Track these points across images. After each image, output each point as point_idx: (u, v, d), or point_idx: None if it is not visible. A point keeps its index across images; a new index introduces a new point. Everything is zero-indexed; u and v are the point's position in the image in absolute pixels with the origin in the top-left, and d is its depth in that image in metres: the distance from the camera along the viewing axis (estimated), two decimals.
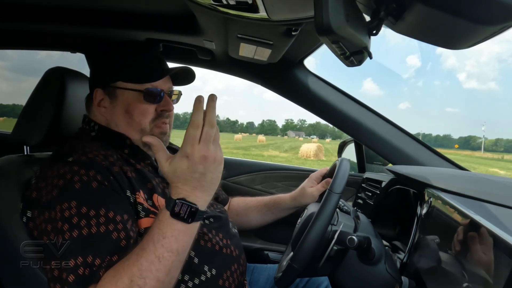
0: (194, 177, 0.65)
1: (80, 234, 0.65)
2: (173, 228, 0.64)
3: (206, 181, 0.66)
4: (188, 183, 0.65)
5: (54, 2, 0.97)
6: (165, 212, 0.65)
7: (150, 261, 0.62)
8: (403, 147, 1.23)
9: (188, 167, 0.65)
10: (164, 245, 0.63)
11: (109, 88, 0.86)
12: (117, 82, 0.85)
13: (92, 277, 0.63)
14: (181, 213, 0.64)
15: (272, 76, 1.31)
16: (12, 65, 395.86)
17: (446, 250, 0.63)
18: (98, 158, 0.75)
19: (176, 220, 0.65)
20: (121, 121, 0.85)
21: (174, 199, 0.65)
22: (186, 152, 0.64)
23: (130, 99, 0.85)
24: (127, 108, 0.85)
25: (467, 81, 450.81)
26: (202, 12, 0.83)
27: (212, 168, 0.66)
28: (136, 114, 0.84)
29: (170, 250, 0.64)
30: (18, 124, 0.90)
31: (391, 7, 0.47)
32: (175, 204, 0.64)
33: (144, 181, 0.80)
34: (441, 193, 0.71)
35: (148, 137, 0.73)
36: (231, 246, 0.89)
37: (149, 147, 0.86)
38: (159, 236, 0.64)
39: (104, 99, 0.87)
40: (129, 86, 0.85)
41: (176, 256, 0.65)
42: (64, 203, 0.67)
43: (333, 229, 0.75)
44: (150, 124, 0.86)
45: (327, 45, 0.52)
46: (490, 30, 0.43)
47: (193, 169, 0.65)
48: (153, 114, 0.86)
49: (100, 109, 0.87)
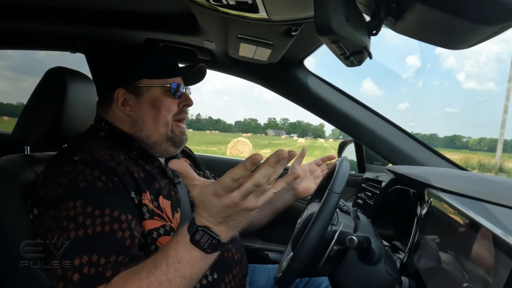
0: (220, 216, 0.59)
1: (85, 233, 0.65)
2: (190, 255, 0.60)
3: (233, 221, 0.60)
4: (213, 217, 0.59)
5: (54, 2, 0.97)
6: (185, 234, 0.61)
7: (160, 282, 0.60)
8: (403, 147, 1.23)
9: (216, 205, 0.58)
10: (177, 270, 0.60)
11: (132, 86, 0.87)
12: (142, 80, 0.87)
13: (98, 277, 0.63)
14: (201, 242, 0.59)
15: (272, 76, 1.31)
16: (11, 65, 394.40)
17: (446, 250, 0.63)
18: (103, 158, 0.75)
19: (195, 247, 0.60)
20: (149, 116, 0.86)
21: (197, 225, 0.60)
22: (218, 192, 0.56)
23: (157, 94, 0.87)
24: (155, 103, 0.87)
25: (466, 81, 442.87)
26: (202, 12, 0.83)
27: (241, 212, 0.59)
28: (164, 108, 0.87)
29: (183, 276, 0.60)
30: (18, 124, 0.90)
31: (391, 7, 0.47)
32: (197, 232, 0.60)
33: (151, 182, 0.80)
34: (441, 193, 0.71)
35: (174, 162, 0.60)
36: (232, 249, 0.89)
37: (169, 144, 0.89)
38: (174, 259, 0.60)
39: (128, 98, 0.87)
40: (154, 83, 0.87)
41: (188, 282, 0.61)
42: (70, 202, 0.67)
43: (333, 229, 0.75)
44: (173, 118, 0.89)
45: (327, 45, 0.52)
46: (490, 30, 0.43)
47: (220, 209, 0.58)
48: (176, 109, 0.89)
49: (124, 109, 0.87)
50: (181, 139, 0.91)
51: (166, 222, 0.78)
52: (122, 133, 0.86)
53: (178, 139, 0.90)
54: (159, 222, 0.77)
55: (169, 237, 0.77)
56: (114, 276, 0.64)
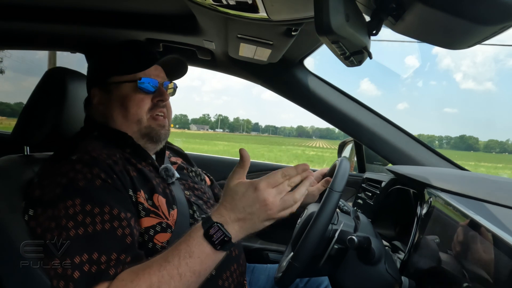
0: (245, 210, 0.64)
1: (85, 232, 0.65)
2: (201, 250, 0.64)
3: (251, 221, 0.65)
4: (235, 211, 0.65)
5: (54, 2, 0.97)
6: (199, 229, 0.65)
7: (171, 275, 0.62)
8: (403, 147, 1.23)
9: (248, 197, 0.64)
10: (188, 264, 0.63)
11: (105, 85, 0.87)
12: (112, 77, 0.87)
13: (100, 275, 0.63)
14: (214, 237, 0.63)
15: (272, 76, 1.31)
16: (11, 65, 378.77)
17: (446, 250, 0.63)
18: (101, 157, 0.75)
19: (206, 242, 0.64)
20: (117, 114, 0.86)
21: (213, 221, 0.64)
22: (259, 186, 0.64)
23: (125, 91, 0.86)
24: (122, 101, 0.86)
25: (464, 82, 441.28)
26: (202, 12, 0.83)
27: (264, 215, 0.65)
28: (132, 105, 0.85)
29: (193, 271, 0.63)
30: (18, 124, 0.90)
31: (391, 7, 0.47)
32: (212, 226, 0.64)
33: (144, 181, 0.81)
34: (441, 193, 0.72)
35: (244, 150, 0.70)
36: None
37: (145, 140, 0.87)
38: (186, 254, 0.63)
39: (101, 97, 0.88)
40: (123, 79, 0.86)
41: (196, 277, 0.64)
42: (68, 200, 0.67)
43: (333, 228, 0.75)
44: (147, 114, 0.86)
45: (327, 45, 0.52)
46: (490, 30, 0.43)
47: (249, 203, 0.64)
48: (149, 104, 0.87)
49: (98, 108, 0.88)
50: (158, 134, 0.88)
51: (162, 219, 0.78)
52: (114, 131, 0.86)
53: (155, 133, 0.87)
54: (155, 219, 0.77)
55: (166, 234, 0.77)
56: (117, 274, 0.64)
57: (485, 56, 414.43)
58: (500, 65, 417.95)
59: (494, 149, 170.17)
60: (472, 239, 0.53)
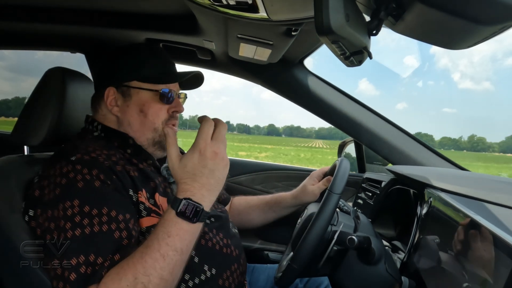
0: (203, 173, 0.67)
1: (83, 233, 0.65)
2: (178, 228, 0.65)
3: (214, 179, 0.68)
4: (196, 180, 0.67)
5: (54, 2, 0.97)
6: (170, 211, 0.66)
7: (154, 258, 0.63)
8: (403, 147, 1.23)
9: (199, 161, 0.67)
10: (168, 244, 0.64)
11: (123, 87, 0.86)
12: (132, 81, 0.86)
13: (94, 276, 0.63)
14: (186, 212, 0.65)
15: (272, 76, 1.31)
16: (10, 65, 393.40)
17: (446, 250, 0.63)
18: (101, 158, 0.75)
19: (181, 219, 0.65)
20: (135, 120, 0.86)
21: (180, 198, 0.66)
22: (199, 147, 0.67)
23: (145, 98, 0.86)
24: (142, 107, 0.86)
25: (462, 81, 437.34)
26: (202, 12, 0.83)
27: (221, 167, 0.68)
28: (151, 114, 0.86)
29: (174, 249, 0.64)
30: (18, 124, 0.90)
31: (391, 7, 0.47)
32: (181, 203, 0.65)
33: (146, 180, 0.81)
34: (441, 193, 0.72)
35: (168, 128, 0.77)
36: (231, 246, 0.89)
37: (156, 147, 0.88)
38: (164, 235, 0.64)
39: (117, 98, 0.87)
40: (144, 86, 0.86)
41: (180, 255, 0.65)
42: (67, 201, 0.68)
43: (333, 229, 0.75)
44: (163, 124, 0.88)
45: (327, 45, 0.52)
46: (490, 30, 0.43)
47: (203, 164, 0.67)
48: (166, 115, 0.88)
49: (112, 108, 0.87)
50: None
51: None
52: (115, 131, 0.86)
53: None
54: (156, 219, 0.77)
55: None
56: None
57: (482, 55, 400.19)
58: (498, 64, 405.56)
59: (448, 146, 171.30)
60: (472, 239, 0.53)
